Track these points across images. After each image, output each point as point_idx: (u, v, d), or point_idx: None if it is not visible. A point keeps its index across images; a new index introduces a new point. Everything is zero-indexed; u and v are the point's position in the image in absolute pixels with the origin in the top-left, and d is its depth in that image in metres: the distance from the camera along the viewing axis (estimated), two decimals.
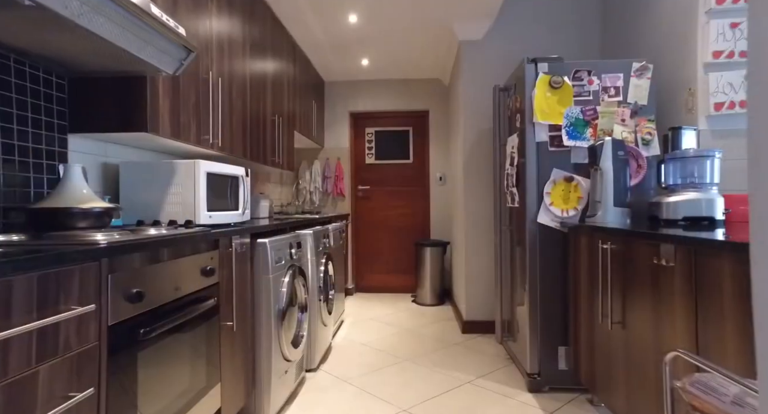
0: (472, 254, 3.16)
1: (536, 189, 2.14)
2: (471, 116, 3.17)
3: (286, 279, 1.97)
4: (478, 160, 3.17)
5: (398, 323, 3.43)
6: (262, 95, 2.65)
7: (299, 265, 2.18)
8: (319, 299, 2.48)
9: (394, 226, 4.55)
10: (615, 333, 1.54)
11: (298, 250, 2.20)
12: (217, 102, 1.98)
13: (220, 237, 1.47)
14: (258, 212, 2.86)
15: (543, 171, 2.13)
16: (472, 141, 3.17)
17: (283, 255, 1.98)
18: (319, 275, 2.50)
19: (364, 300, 4.25)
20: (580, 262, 1.90)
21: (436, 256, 4.09)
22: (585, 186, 2.07)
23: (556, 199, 2.10)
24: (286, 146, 3.17)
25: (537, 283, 2.13)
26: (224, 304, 1.50)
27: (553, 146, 2.11)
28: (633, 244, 1.41)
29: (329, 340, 2.76)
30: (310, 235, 2.42)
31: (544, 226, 2.12)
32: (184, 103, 1.70)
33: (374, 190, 4.58)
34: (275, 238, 1.91)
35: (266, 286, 1.81)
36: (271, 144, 2.82)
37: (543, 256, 2.13)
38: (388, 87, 4.49)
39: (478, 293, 3.14)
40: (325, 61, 3.93)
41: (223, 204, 1.82)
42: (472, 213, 3.16)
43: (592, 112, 2.05)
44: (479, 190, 3.16)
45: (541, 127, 2.11)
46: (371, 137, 4.59)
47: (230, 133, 2.15)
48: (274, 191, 3.86)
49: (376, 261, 4.57)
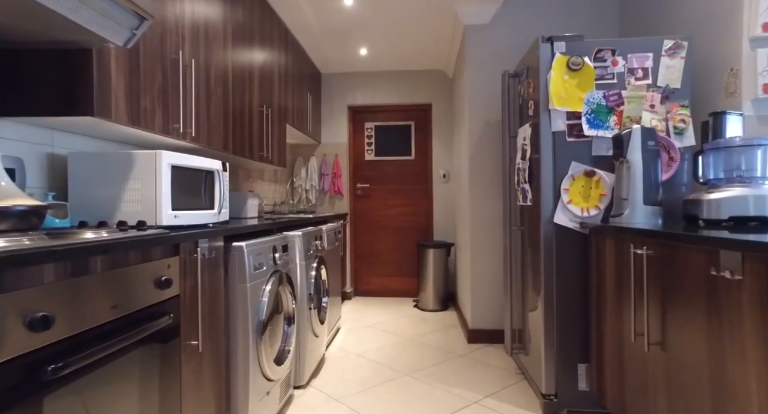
0: (478, 257, 2.91)
1: (552, 185, 1.89)
2: (477, 107, 2.92)
3: (267, 287, 1.73)
4: (484, 155, 2.92)
5: (398, 331, 3.19)
6: (248, 83, 2.41)
7: (285, 271, 1.95)
8: (310, 308, 2.24)
9: (395, 226, 4.31)
10: (653, 355, 1.29)
11: (284, 254, 1.97)
12: (189, 87, 1.74)
13: (182, 241, 1.23)
14: (245, 212, 2.63)
15: (560, 165, 1.88)
16: (479, 134, 2.93)
17: (265, 260, 1.74)
18: (309, 281, 2.27)
19: (363, 305, 4.02)
20: (605, 269, 1.65)
21: (439, 258, 3.84)
22: (608, 181, 1.82)
23: (575, 196, 1.85)
24: (277, 140, 2.94)
25: (553, 291, 1.89)
26: (187, 321, 1.26)
27: (571, 136, 1.86)
28: (679, 249, 1.16)
29: (322, 351, 2.52)
30: (298, 237, 2.18)
31: (561, 227, 1.87)
32: (146, 84, 1.46)
33: (374, 188, 4.34)
34: (255, 242, 1.68)
35: (243, 297, 1.58)
36: (258, 137, 2.58)
37: (560, 260, 1.88)
38: (389, 79, 4.25)
39: (484, 299, 2.90)
40: (321, 50, 3.70)
41: (195, 202, 1.58)
42: (478, 212, 2.92)
43: (617, 98, 1.80)
44: (486, 187, 2.91)
45: (557, 115, 1.86)
46: (371, 132, 4.35)
47: (207, 122, 1.91)
48: (268, 189, 3.63)
49: (376, 263, 4.33)
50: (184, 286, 1.25)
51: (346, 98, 4.27)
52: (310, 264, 2.32)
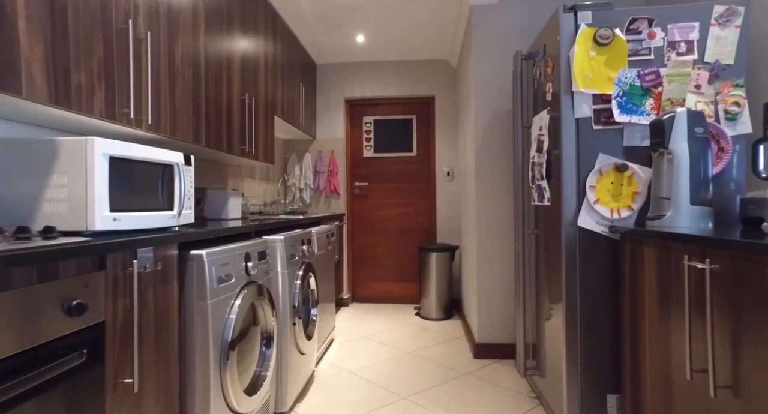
0: (485, 262, 2.62)
1: (575, 182, 1.60)
2: (484, 96, 2.63)
3: (237, 302, 1.46)
4: (493, 150, 2.63)
5: (397, 343, 2.90)
6: (227, 68, 2.14)
7: (261, 283, 1.67)
8: (294, 323, 1.96)
9: (396, 227, 4.03)
10: (722, 403, 1.00)
11: (261, 261, 1.69)
12: (144, 64, 1.47)
13: (110, 252, 0.95)
14: (226, 212, 2.36)
15: (585, 158, 1.59)
16: (486, 127, 2.64)
17: (235, 270, 1.47)
18: (294, 292, 1.99)
19: (361, 312, 3.74)
20: (643, 283, 1.36)
21: (442, 263, 3.56)
22: (644, 177, 1.53)
23: (602, 195, 1.56)
24: (263, 134, 2.66)
25: (576, 306, 1.60)
26: (116, 354, 0.99)
27: (598, 124, 1.57)
28: (763, 265, 0.87)
29: (311, 369, 2.25)
30: (280, 241, 1.90)
31: (586, 230, 1.58)
32: (79, 56, 1.19)
33: (373, 186, 4.06)
34: (221, 249, 1.40)
35: (202, 316, 1.30)
36: (240, 129, 2.31)
37: (585, 270, 1.59)
38: (389, 70, 3.97)
39: (492, 310, 2.61)
40: (314, 37, 3.42)
41: (147, 202, 1.31)
42: (485, 213, 2.63)
43: (654, 77, 1.51)
44: (494, 185, 2.62)
45: (582, 99, 1.57)
46: (369, 127, 4.07)
47: (170, 109, 1.64)
48: (258, 188, 3.35)
49: (374, 267, 4.05)
50: (111, 309, 0.97)
51: (342, 91, 3.99)
52: (295, 272, 2.04)
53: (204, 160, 2.50)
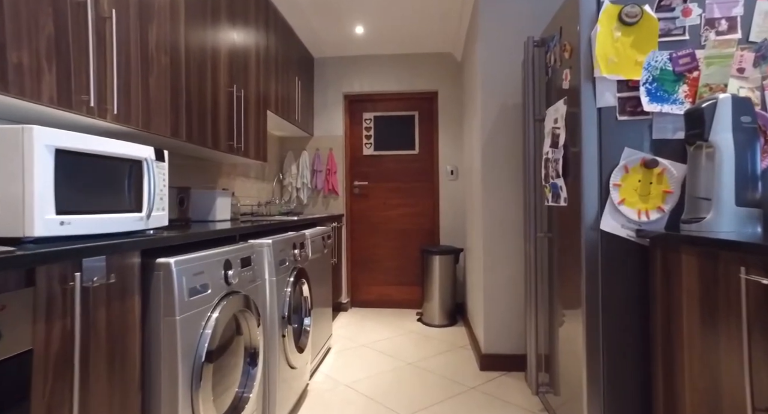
0: (492, 267, 2.44)
1: (597, 180, 1.42)
2: (491, 89, 2.44)
3: (215, 315, 1.28)
4: (500, 146, 2.45)
5: (398, 352, 2.72)
6: (212, 57, 1.97)
7: (245, 292, 1.49)
8: (283, 335, 1.79)
9: (397, 228, 3.85)
10: None
11: (245, 269, 1.52)
12: (109, 45, 1.29)
13: (39, 263, 0.78)
14: (213, 213, 2.19)
15: (608, 152, 1.41)
16: (493, 121, 2.45)
17: (212, 279, 1.29)
18: (283, 301, 1.81)
19: (360, 318, 3.56)
20: (680, 297, 1.18)
21: (446, 266, 3.37)
22: (676, 174, 1.34)
23: (629, 194, 1.37)
24: (255, 129, 2.49)
25: (598, 320, 1.41)
26: (48, 391, 0.81)
27: (624, 114, 1.38)
28: None
29: (304, 382, 2.07)
30: (267, 246, 1.73)
31: (609, 235, 1.40)
32: (18, 28, 1.01)
33: (373, 186, 3.88)
34: (194, 256, 1.22)
35: (170, 334, 1.12)
36: (227, 124, 2.13)
37: (608, 279, 1.41)
38: (389, 64, 3.78)
39: (499, 318, 2.42)
40: (311, 28, 3.24)
41: (108, 202, 1.13)
42: (492, 214, 2.45)
43: (689, 60, 1.32)
44: (502, 184, 2.44)
45: (605, 86, 1.39)
46: (369, 124, 3.89)
47: (142, 99, 1.46)
48: (251, 188, 3.18)
49: (375, 270, 3.87)
50: (43, 335, 0.80)
51: (341, 85, 3.81)
52: (285, 279, 1.86)
53: (192, 158, 2.33)
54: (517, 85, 2.42)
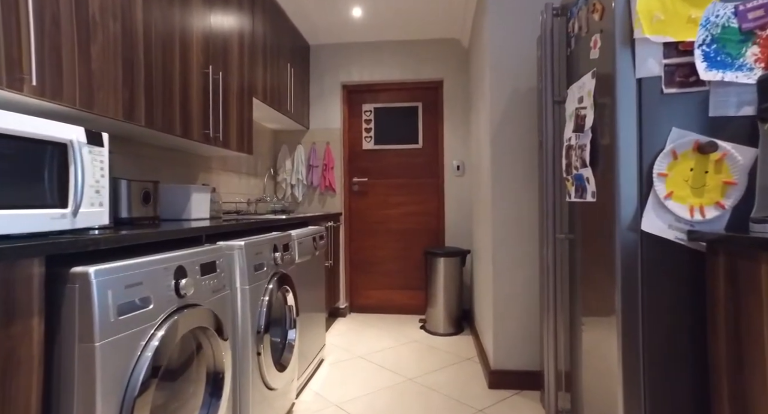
0: (502, 272, 2.16)
1: (635, 169, 1.14)
2: (502, 72, 2.17)
3: (160, 334, 1.03)
4: (512, 136, 2.17)
5: (398, 365, 2.46)
6: (181, 30, 1.72)
7: (205, 305, 1.23)
8: (258, 353, 1.53)
9: (399, 228, 3.58)
10: None
11: (207, 277, 1.26)
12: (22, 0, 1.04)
13: None
14: (188, 211, 1.95)
15: (650, 134, 1.13)
16: (504, 108, 2.18)
17: (155, 291, 1.04)
18: (259, 312, 1.56)
19: (359, 324, 3.30)
20: (761, 319, 0.90)
21: (451, 269, 3.10)
22: (741, 161, 1.06)
23: (677, 186, 1.09)
24: (237, 118, 2.24)
25: (638, 337, 1.14)
26: None
27: (672, 85, 1.11)
28: None
29: (290, 401, 1.81)
30: (239, 249, 1.47)
31: (652, 237, 1.12)
32: None
33: (373, 182, 3.61)
34: (126, 264, 0.97)
35: (85, 366, 0.87)
36: (201, 109, 1.88)
37: (650, 291, 1.13)
38: (391, 51, 3.52)
39: (511, 329, 2.15)
40: (304, 10, 2.98)
41: (17, 196, 0.88)
42: (503, 212, 2.17)
43: (762, 14, 1.04)
44: (515, 179, 2.16)
45: (648, 50, 1.11)
46: (369, 116, 3.63)
47: (82, 71, 1.22)
48: (242, 184, 2.94)
49: (375, 273, 3.61)
50: None
51: (339, 75, 3.55)
52: (262, 286, 1.61)
53: (167, 150, 2.09)
54: (530, 67, 2.15)
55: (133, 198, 1.65)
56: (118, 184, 1.58)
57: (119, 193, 1.59)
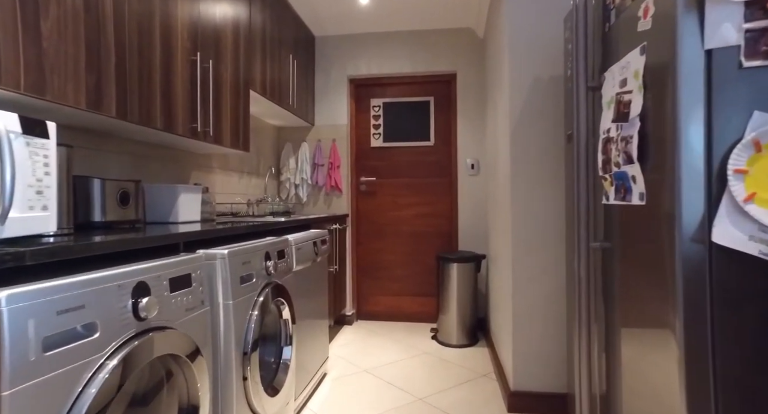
0: (524, 282, 1.93)
1: (703, 164, 0.91)
2: (523, 57, 1.94)
3: (112, 363, 0.83)
4: (535, 131, 1.94)
5: (407, 382, 2.24)
6: (162, 10, 1.52)
7: (175, 328, 1.03)
8: (245, 377, 1.33)
9: (409, 231, 3.36)
10: None
11: (179, 293, 1.06)
12: None
13: None
14: (175, 214, 1.77)
15: (722, 120, 0.90)
16: (526, 98, 1.94)
17: (101, 317, 0.84)
18: (247, 330, 1.36)
19: (366, 333, 3.09)
20: None
21: (466, 275, 2.87)
22: None
23: (762, 186, 0.86)
24: (232, 111, 2.05)
25: (708, 379, 0.90)
26: None
27: (754, 57, 0.87)
28: None
29: None
30: (221, 259, 1.27)
31: (725, 250, 0.89)
32: None
33: (382, 182, 3.40)
34: (52, 285, 0.77)
35: None
36: (188, 101, 1.69)
37: (723, 319, 0.90)
38: (401, 41, 3.30)
39: (533, 347, 1.92)
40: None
41: None
42: (524, 216, 1.94)
43: None
44: (538, 178, 1.93)
45: (723, 13, 0.87)
46: (378, 111, 3.41)
47: (27, 49, 1.03)
48: (242, 184, 2.76)
49: (384, 279, 3.40)
50: None
51: (345, 68, 3.35)
52: (251, 300, 1.41)
53: (158, 147, 1.91)
54: (555, 52, 1.91)
55: (108, 199, 1.46)
56: (88, 184, 1.40)
57: (91, 193, 1.41)
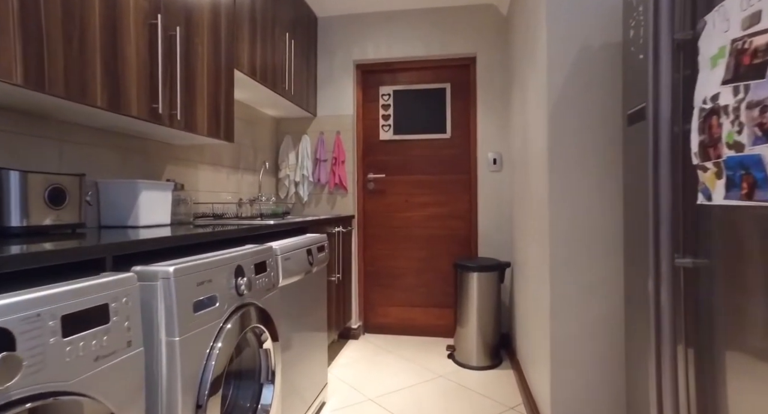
0: (565, 303, 1.55)
1: None
2: (564, 26, 1.56)
3: None
4: (580, 112, 1.55)
5: None
6: None
7: (86, 390, 0.69)
8: None
9: (422, 234, 2.99)
10: None
11: (88, 333, 0.72)
12: None
13: None
14: (135, 216, 1.44)
15: None
16: (568, 75, 1.56)
17: None
18: (206, 367, 1.01)
19: (374, 350, 2.73)
20: None
21: (488, 286, 2.49)
22: None
23: None
24: (209, 92, 1.71)
25: None
26: None
27: None
28: None
29: None
30: (164, 280, 0.92)
31: None
32: None
33: (392, 179, 3.04)
34: None
35: None
36: (144, 74, 1.35)
37: None
38: (413, 21, 2.93)
39: (578, 382, 1.53)
40: None
41: None
42: (564, 221, 1.55)
43: None
44: (584, 173, 1.54)
45: None
46: (388, 100, 3.05)
47: None
48: (233, 181, 2.43)
49: (394, 287, 3.03)
50: None
51: (351, 52, 2.99)
52: (212, 330, 1.06)
53: (120, 135, 1.58)
54: (607, 12, 1.52)
55: (32, 198, 1.13)
56: (0, 178, 1.08)
57: (4, 190, 1.09)
